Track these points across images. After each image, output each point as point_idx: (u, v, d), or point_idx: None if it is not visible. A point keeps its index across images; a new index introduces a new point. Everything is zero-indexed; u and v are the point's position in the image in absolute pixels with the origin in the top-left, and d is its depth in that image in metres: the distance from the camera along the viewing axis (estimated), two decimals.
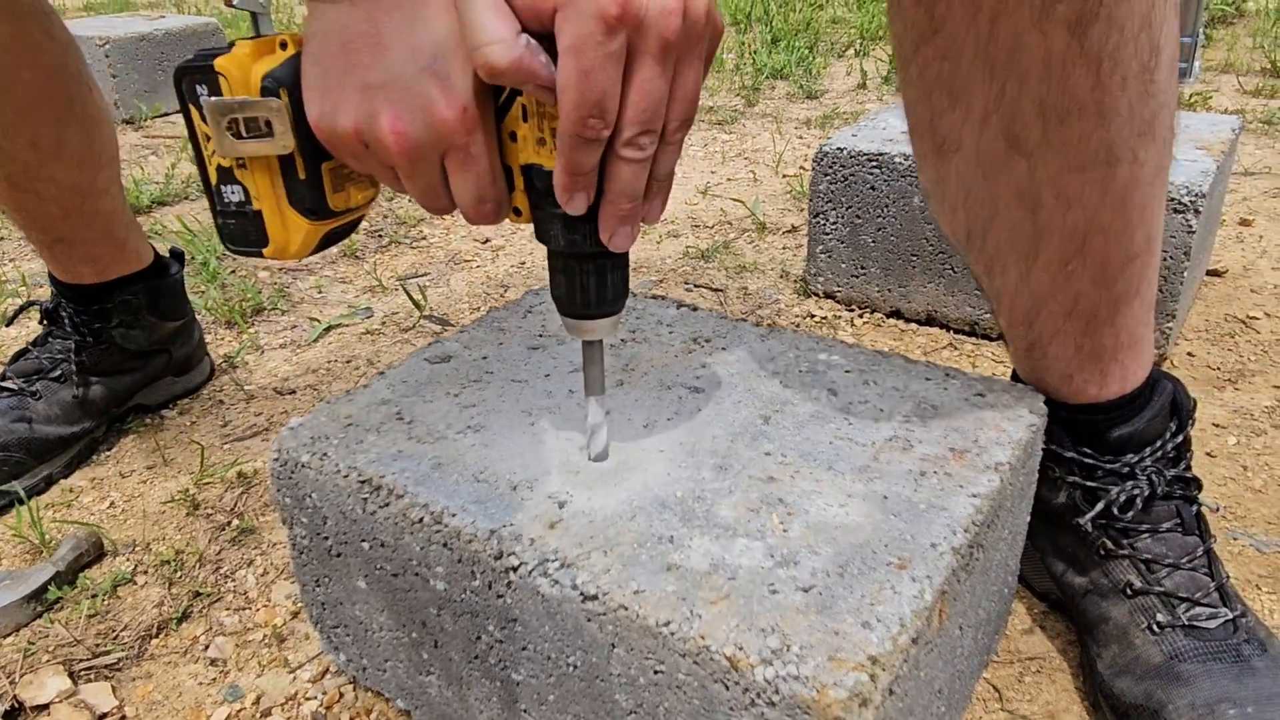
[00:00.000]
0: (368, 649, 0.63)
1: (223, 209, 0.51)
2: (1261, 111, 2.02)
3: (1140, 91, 0.51)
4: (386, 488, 0.54)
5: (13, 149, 0.82)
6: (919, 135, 0.60)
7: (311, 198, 0.50)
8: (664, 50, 0.39)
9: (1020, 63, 0.50)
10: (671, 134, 0.43)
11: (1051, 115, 0.52)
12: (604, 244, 0.46)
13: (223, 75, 0.47)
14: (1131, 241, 0.58)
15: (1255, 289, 1.23)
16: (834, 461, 0.55)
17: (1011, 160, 0.55)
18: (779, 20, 3.34)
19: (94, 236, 0.92)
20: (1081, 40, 0.48)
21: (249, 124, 0.47)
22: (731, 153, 1.94)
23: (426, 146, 0.45)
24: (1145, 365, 0.65)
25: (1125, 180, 0.55)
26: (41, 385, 0.94)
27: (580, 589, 0.46)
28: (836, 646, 0.42)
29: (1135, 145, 0.53)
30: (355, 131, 0.45)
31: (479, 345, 0.70)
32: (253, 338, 1.21)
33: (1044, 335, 0.63)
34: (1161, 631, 0.60)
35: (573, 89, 0.39)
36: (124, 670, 0.70)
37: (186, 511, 0.87)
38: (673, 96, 0.42)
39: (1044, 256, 0.59)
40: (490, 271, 1.41)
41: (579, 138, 0.41)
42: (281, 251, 0.51)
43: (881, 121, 1.23)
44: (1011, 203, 0.57)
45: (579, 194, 0.44)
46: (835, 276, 1.22)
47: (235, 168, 0.49)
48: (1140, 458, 0.64)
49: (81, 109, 0.86)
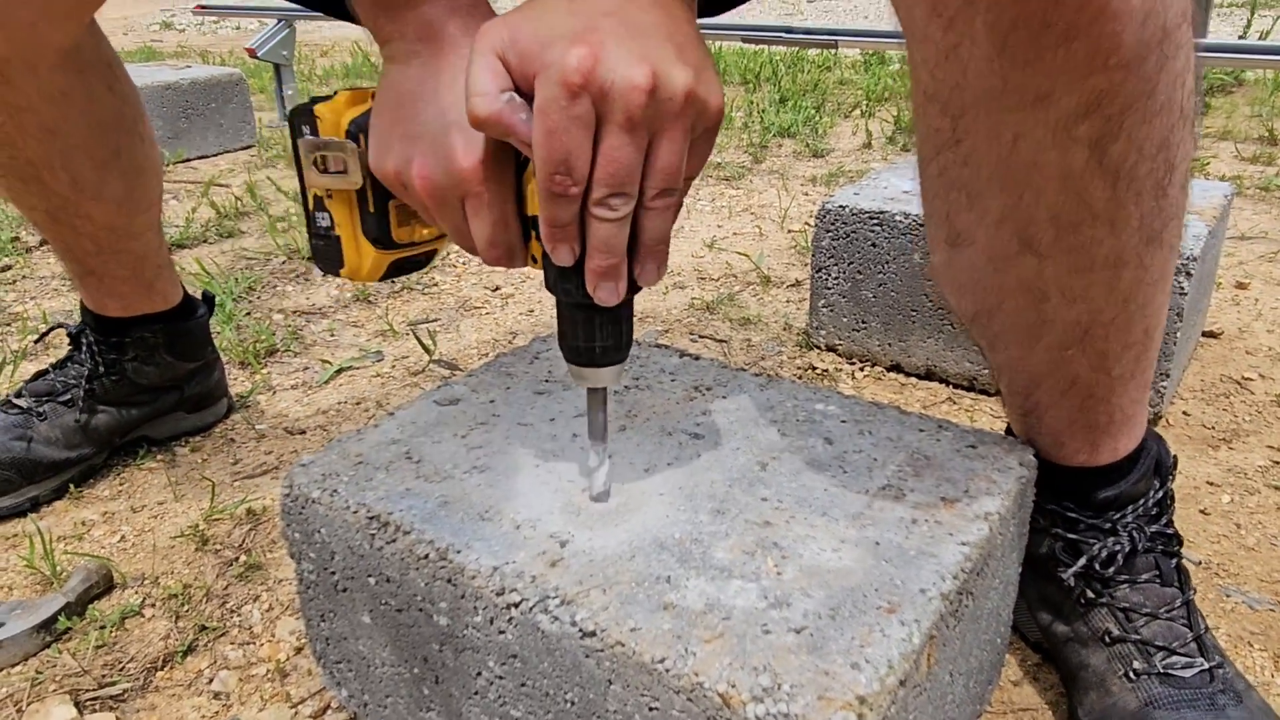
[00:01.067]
0: (370, 684, 0.64)
1: (314, 232, 0.59)
2: (1259, 178, 2.06)
3: (1153, 206, 0.52)
4: (394, 524, 0.56)
5: (55, 185, 0.86)
6: (934, 223, 0.60)
7: (379, 229, 0.57)
8: (629, 121, 0.42)
9: (1038, 176, 0.51)
10: (650, 200, 0.45)
11: (1065, 222, 0.53)
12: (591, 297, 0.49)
13: (319, 118, 0.55)
14: (1129, 334, 0.59)
15: (1250, 350, 1.25)
16: (828, 508, 0.56)
17: (1022, 258, 0.55)
18: (787, 80, 3.43)
19: (123, 275, 0.95)
20: (1101, 157, 0.49)
21: (331, 161, 0.55)
22: (738, 208, 1.99)
23: (447, 191, 0.50)
24: (1136, 437, 0.67)
25: (1130, 282, 0.56)
26: (49, 407, 0.97)
27: (579, 625, 0.48)
28: (826, 686, 0.43)
29: (1142, 252, 0.54)
30: (396, 174, 0.51)
31: (487, 389, 0.72)
32: (265, 378, 1.23)
33: (1040, 406, 0.65)
34: (1138, 679, 0.61)
35: (540, 146, 0.43)
36: (129, 701, 0.71)
37: (195, 546, 0.88)
38: (650, 167, 0.44)
39: (1045, 341, 0.60)
40: (499, 319, 1.44)
41: (549, 192, 0.44)
42: (355, 273, 0.59)
43: (884, 181, 1.27)
44: (1018, 293, 0.58)
45: (561, 246, 0.46)
46: (837, 330, 1.25)
47: (325, 198, 0.57)
48: (1122, 514, 0.66)
49: (128, 158, 0.89)
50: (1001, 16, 0.43)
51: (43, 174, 0.84)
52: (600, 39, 0.41)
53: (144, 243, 0.95)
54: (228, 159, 2.51)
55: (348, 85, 0.58)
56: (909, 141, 2.55)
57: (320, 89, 3.62)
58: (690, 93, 0.43)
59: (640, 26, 0.43)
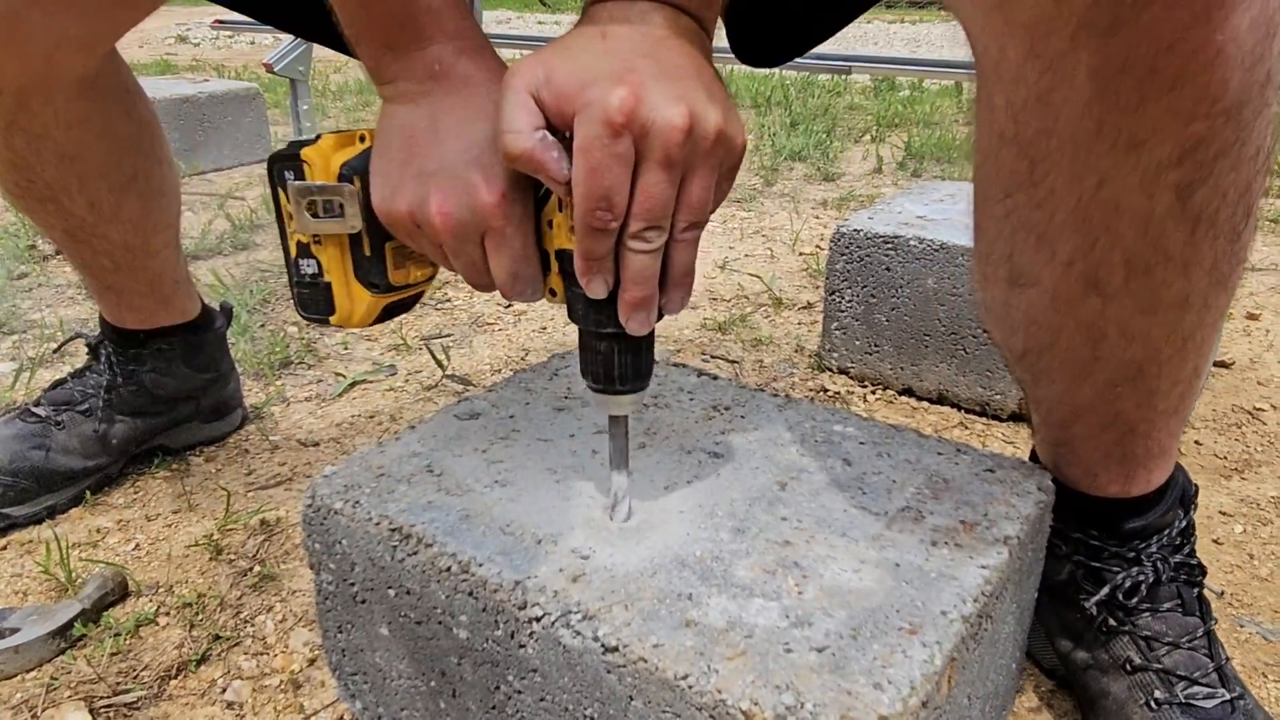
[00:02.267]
0: (385, 697, 0.64)
1: (299, 280, 0.58)
2: (1269, 210, 2.07)
3: (1226, 250, 0.52)
4: (416, 536, 0.57)
5: (72, 207, 0.87)
6: (991, 263, 0.59)
7: (375, 272, 0.56)
8: (667, 158, 0.43)
9: (1118, 221, 0.50)
10: (679, 233, 0.47)
11: (1138, 266, 0.52)
12: (623, 327, 0.50)
13: (307, 163, 0.53)
14: (1181, 372, 0.58)
15: (1262, 381, 1.26)
16: (848, 529, 0.57)
17: (1087, 299, 0.54)
18: (798, 105, 3.45)
19: (141, 290, 0.96)
20: (1185, 203, 0.48)
21: (325, 205, 0.54)
22: (750, 230, 2.00)
23: (468, 227, 0.50)
24: (1168, 469, 0.66)
25: (1191, 324, 0.55)
26: (67, 416, 0.97)
27: (601, 641, 0.48)
28: (849, 705, 0.43)
29: (1208, 294, 0.54)
30: (409, 213, 0.51)
31: (507, 404, 0.73)
32: (279, 390, 1.24)
33: (1077, 439, 0.65)
34: (1159, 708, 0.61)
35: (582, 183, 0.44)
36: (142, 709, 0.71)
37: (210, 556, 0.88)
38: (681, 201, 0.46)
39: (1095, 378, 0.59)
40: (512, 335, 1.44)
41: (589, 227, 0.45)
42: (346, 320, 0.57)
43: (897, 205, 1.28)
44: (1075, 333, 0.57)
45: (596, 278, 0.48)
46: (849, 353, 1.25)
47: (311, 244, 0.56)
48: (1147, 544, 0.66)
49: (145, 181, 0.90)
50: (1108, 62, 0.42)
51: (60, 197, 0.85)
52: (640, 80, 0.43)
53: (161, 260, 0.96)
54: (243, 172, 2.53)
55: (333, 130, 0.57)
56: (920, 167, 2.57)
57: (335, 104, 3.66)
58: (720, 132, 0.45)
59: (673, 68, 0.45)
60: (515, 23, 7.52)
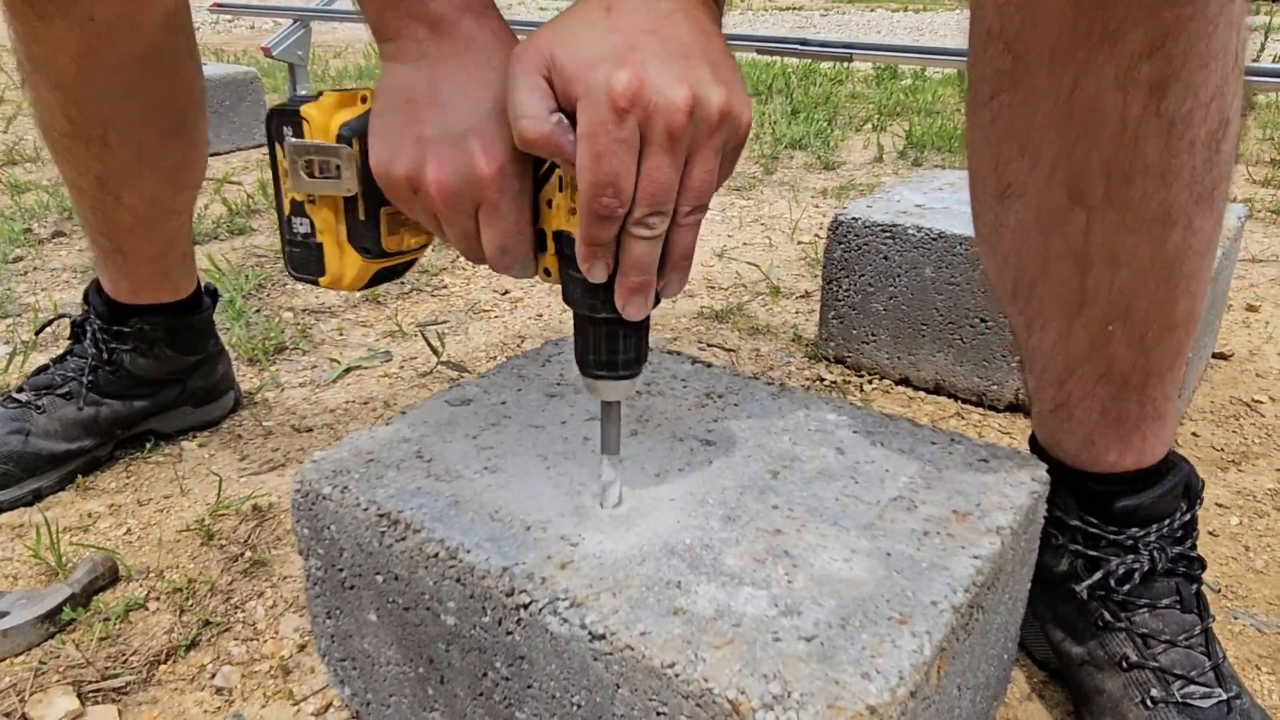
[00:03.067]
0: (374, 683, 0.64)
1: (290, 238, 0.57)
2: (1270, 201, 2.06)
3: (1205, 159, 0.53)
4: (404, 522, 0.56)
5: (119, 148, 0.86)
6: (981, 179, 0.61)
7: (368, 237, 0.55)
8: (671, 140, 0.43)
9: (1096, 120, 0.52)
10: (682, 217, 0.46)
11: (1118, 173, 0.53)
12: (620, 313, 0.49)
13: (306, 120, 0.52)
14: (1173, 313, 0.59)
15: (1260, 373, 1.25)
16: (839, 518, 0.56)
17: (1071, 213, 0.56)
18: (799, 93, 3.44)
19: (149, 254, 0.96)
20: (1159, 103, 0.50)
21: (321, 166, 0.53)
22: (749, 218, 1.99)
23: (463, 197, 0.49)
24: (1165, 442, 0.66)
25: (1177, 247, 0.56)
26: (47, 400, 0.97)
27: (589, 628, 0.48)
28: (836, 695, 0.43)
29: (1192, 212, 0.55)
30: (407, 178, 0.49)
31: (498, 390, 0.72)
32: (273, 376, 1.23)
33: (1073, 397, 0.65)
34: (1154, 707, 0.61)
35: (587, 170, 0.43)
36: (131, 694, 0.71)
37: (201, 541, 0.88)
38: (684, 184, 0.45)
39: (1086, 315, 0.60)
40: (508, 322, 1.44)
41: (594, 214, 0.44)
42: (336, 282, 0.56)
43: (896, 194, 1.27)
44: (1064, 257, 0.58)
45: (598, 263, 0.47)
46: (846, 342, 1.24)
47: (306, 203, 0.55)
48: (1145, 532, 0.65)
49: (191, 131, 0.91)
50: None
51: (110, 135, 0.85)
52: (642, 59, 0.42)
53: (178, 225, 0.96)
54: (240, 157, 2.52)
55: (334, 87, 0.56)
56: (920, 156, 2.55)
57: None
58: (725, 111, 0.44)
59: (679, 45, 0.43)
60: (517, 9, 7.49)
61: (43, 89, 0.83)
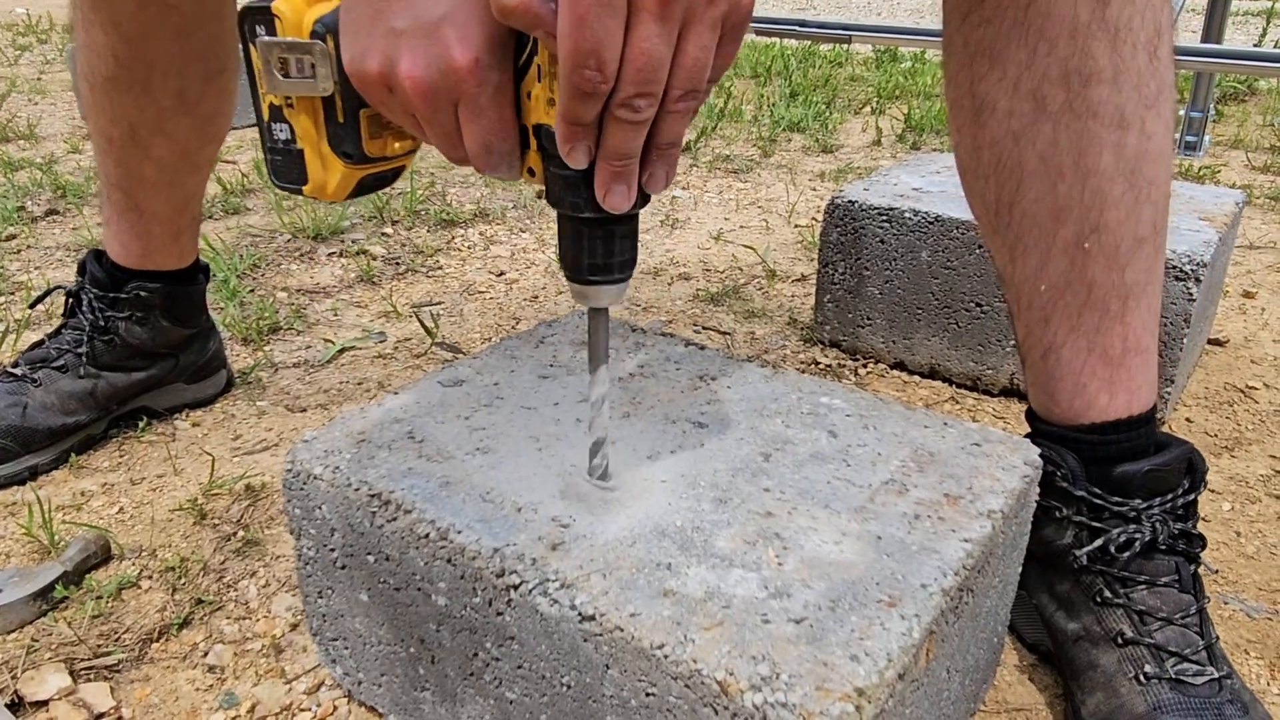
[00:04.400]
0: (365, 663, 0.64)
1: (271, 145, 0.54)
2: (1269, 188, 2.05)
3: (1146, 62, 0.61)
4: (395, 503, 0.56)
5: (161, 92, 0.85)
6: (959, 105, 0.67)
7: (349, 141, 0.52)
8: (662, 8, 0.38)
9: (1051, 27, 0.60)
10: (673, 102, 0.42)
11: (1075, 78, 0.61)
12: (602, 208, 0.46)
13: (278, 17, 0.49)
14: (1139, 222, 0.65)
15: (1256, 360, 1.25)
16: (830, 500, 0.56)
17: (1039, 123, 0.63)
18: (798, 75, 3.42)
19: (164, 214, 0.95)
20: (1104, 9, 0.59)
21: (296, 65, 0.50)
22: (745, 201, 1.98)
23: (440, 93, 0.45)
24: (1150, 386, 0.68)
25: (1135, 150, 0.62)
26: (44, 374, 0.96)
27: (578, 609, 0.48)
28: (824, 677, 0.43)
29: (1144, 115, 0.62)
30: (380, 75, 0.46)
31: (491, 371, 0.72)
32: (268, 355, 1.23)
33: (1059, 335, 0.68)
34: (1148, 683, 0.61)
35: (567, 38, 0.39)
36: (123, 672, 0.71)
37: (194, 520, 0.88)
38: (676, 63, 0.41)
39: (1062, 235, 0.65)
40: (503, 303, 1.43)
41: (577, 89, 0.40)
42: (319, 190, 0.54)
43: (893, 177, 1.26)
44: (1037, 170, 0.64)
45: (578, 146, 0.43)
46: (841, 326, 1.24)
47: (284, 107, 0.52)
48: (1149, 505, 0.66)
49: (229, 78, 0.90)
50: None
51: (154, 79, 0.84)
52: None
53: (198, 180, 0.96)
54: (235, 136, 2.49)
55: None
56: (919, 139, 2.54)
57: None
58: None
59: None
60: None
61: (95, 30, 0.82)
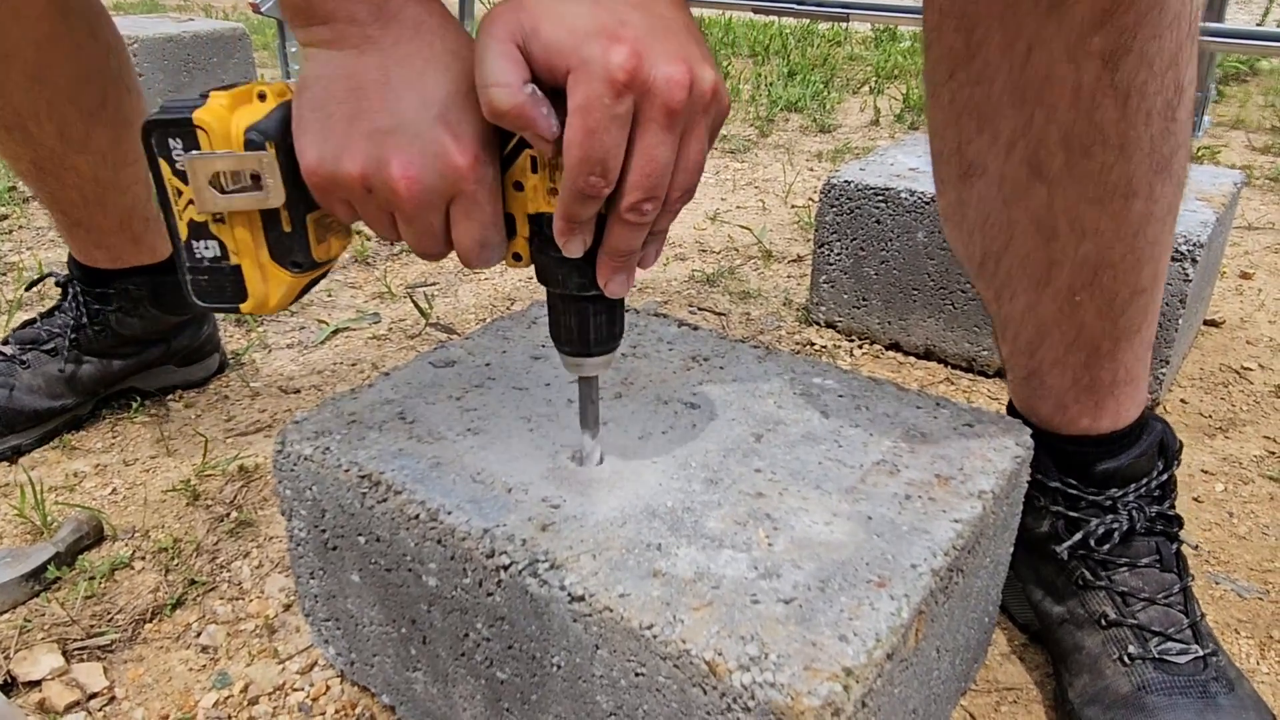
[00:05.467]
0: (357, 643, 0.64)
1: (194, 265, 0.49)
2: (1269, 168, 2.04)
3: (1162, 129, 0.53)
4: (385, 484, 0.56)
5: (41, 136, 0.85)
6: (944, 160, 0.61)
7: (298, 250, 0.49)
8: (669, 118, 0.41)
9: (1050, 92, 0.52)
10: (673, 202, 0.45)
11: (1076, 145, 0.53)
12: (601, 290, 0.48)
13: (202, 129, 0.46)
14: (1139, 278, 0.60)
15: (1251, 340, 1.25)
16: (822, 481, 0.56)
17: (1033, 187, 0.56)
18: (796, 54, 3.39)
19: (110, 227, 0.94)
20: (1113, 73, 0.50)
21: (234, 177, 0.47)
22: (742, 181, 1.97)
23: (436, 192, 0.46)
24: (1139, 404, 0.67)
25: (1140, 215, 0.56)
26: (32, 356, 0.96)
27: (568, 590, 0.48)
28: (813, 657, 0.43)
29: (1153, 181, 0.55)
30: (361, 176, 0.45)
31: (483, 352, 0.72)
32: (261, 336, 1.23)
33: (1044, 365, 0.65)
34: (1132, 663, 0.61)
35: (577, 146, 0.41)
36: (116, 652, 0.71)
37: (186, 501, 0.88)
38: (677, 166, 0.43)
39: (1054, 286, 0.60)
40: (497, 284, 1.43)
41: (580, 193, 0.43)
42: (261, 305, 0.50)
43: (890, 157, 1.26)
44: (1028, 230, 0.59)
45: (575, 239, 0.46)
46: (837, 307, 1.24)
47: (211, 222, 0.48)
48: (1124, 493, 0.66)
49: (114, 109, 0.88)
50: None
51: (28, 124, 0.83)
52: (635, 35, 0.40)
53: (132, 196, 0.94)
54: None
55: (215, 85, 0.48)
56: (917, 119, 2.53)
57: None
58: (715, 89, 0.43)
59: (665, 22, 0.42)
60: None
61: None
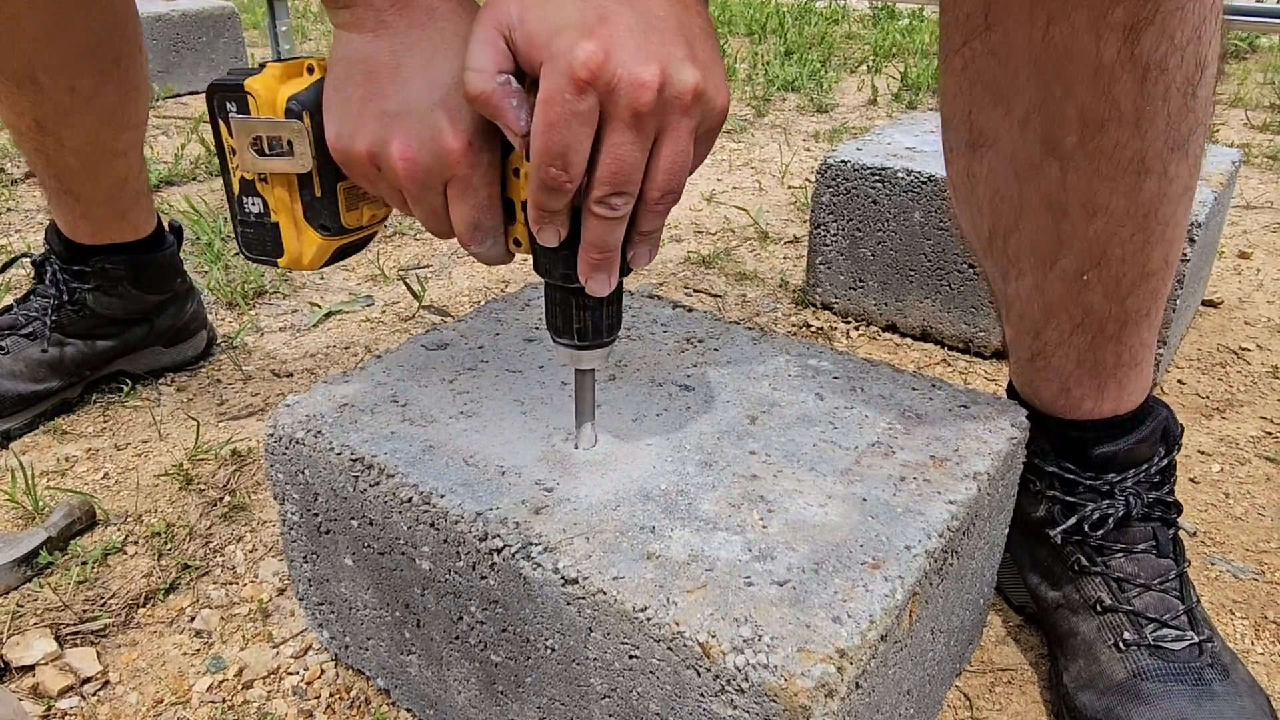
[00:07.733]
0: (351, 627, 0.64)
1: (243, 219, 0.54)
2: (1268, 147, 2.03)
3: (1180, 105, 0.52)
4: (378, 467, 0.56)
5: (52, 90, 0.84)
6: (954, 128, 0.60)
7: (326, 214, 0.53)
8: (635, 119, 0.41)
9: (1069, 67, 0.51)
10: (653, 203, 0.44)
11: (1091, 121, 0.52)
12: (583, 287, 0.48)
13: (251, 95, 0.50)
14: (1149, 260, 0.59)
15: (1249, 321, 1.25)
16: (816, 463, 0.56)
17: (1046, 164, 0.55)
18: (793, 33, 3.36)
19: (100, 197, 0.93)
20: (1133, 47, 0.49)
21: (272, 142, 0.51)
22: (738, 161, 1.96)
23: (432, 173, 0.48)
24: (1143, 388, 0.66)
25: (1152, 194, 0.55)
26: (11, 341, 0.95)
27: (561, 573, 0.47)
28: (807, 639, 0.43)
29: (1167, 159, 0.54)
30: (369, 155, 0.48)
31: (476, 335, 0.71)
32: (253, 320, 1.22)
33: (1049, 346, 0.64)
34: (1127, 649, 0.61)
35: (538, 137, 0.42)
36: (110, 637, 0.71)
37: (179, 486, 0.88)
38: (653, 166, 0.43)
39: (1062, 265, 0.59)
40: (491, 268, 1.42)
41: (543, 183, 0.43)
42: (295, 262, 0.54)
43: (887, 137, 1.25)
44: (1039, 208, 0.58)
45: (548, 229, 0.46)
46: (833, 288, 1.23)
47: (257, 181, 0.53)
48: (1123, 478, 0.65)
49: (125, 69, 0.88)
50: None
51: (40, 77, 0.83)
52: (610, 32, 0.40)
53: (126, 163, 0.93)
54: None
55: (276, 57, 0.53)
56: (915, 98, 2.51)
57: (316, 26, 3.55)
58: (698, 91, 0.42)
59: (653, 19, 0.41)
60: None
61: None
